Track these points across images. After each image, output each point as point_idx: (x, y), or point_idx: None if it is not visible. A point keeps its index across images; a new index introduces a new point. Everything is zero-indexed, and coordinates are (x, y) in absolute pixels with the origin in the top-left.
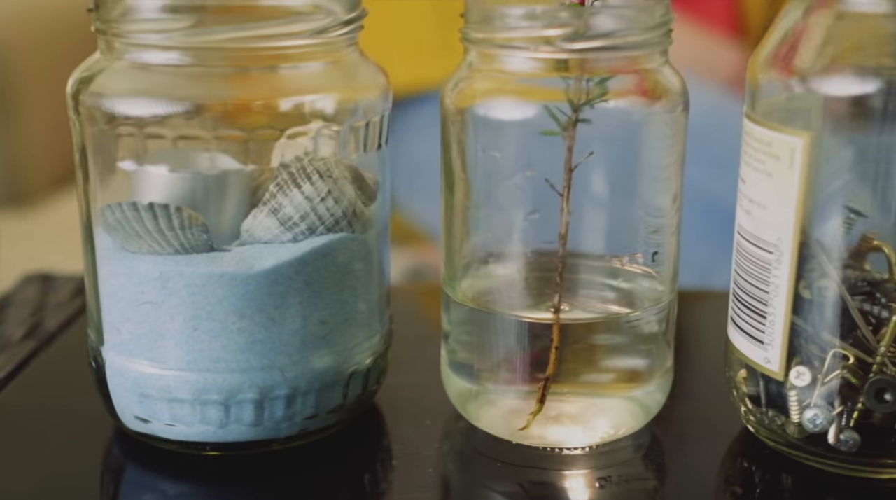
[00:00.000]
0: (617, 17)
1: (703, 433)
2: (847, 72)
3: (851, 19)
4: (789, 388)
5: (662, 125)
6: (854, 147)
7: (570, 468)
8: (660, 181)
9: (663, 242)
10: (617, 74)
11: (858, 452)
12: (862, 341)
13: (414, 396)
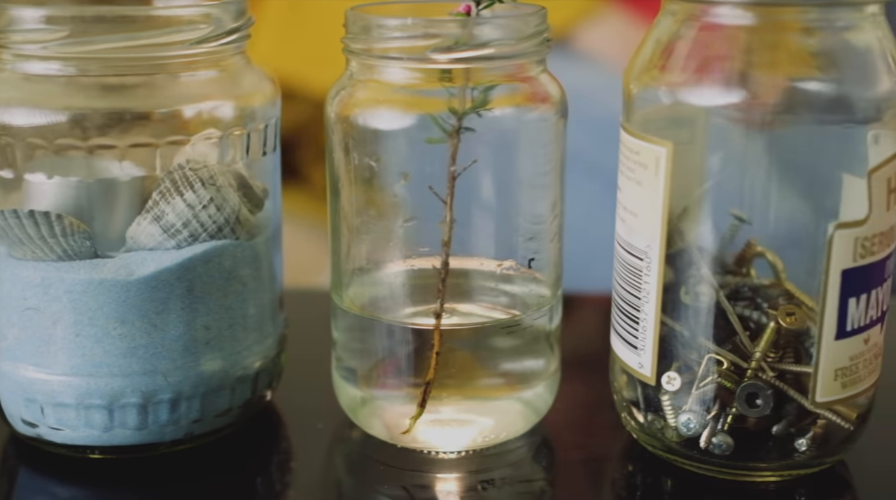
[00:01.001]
0: (494, 28)
1: (590, 437)
2: (711, 82)
3: (717, 31)
4: (662, 393)
5: (540, 133)
6: (720, 155)
7: (454, 472)
8: (538, 188)
9: (542, 248)
10: (496, 83)
11: (732, 455)
12: (740, 346)
13: (311, 399)
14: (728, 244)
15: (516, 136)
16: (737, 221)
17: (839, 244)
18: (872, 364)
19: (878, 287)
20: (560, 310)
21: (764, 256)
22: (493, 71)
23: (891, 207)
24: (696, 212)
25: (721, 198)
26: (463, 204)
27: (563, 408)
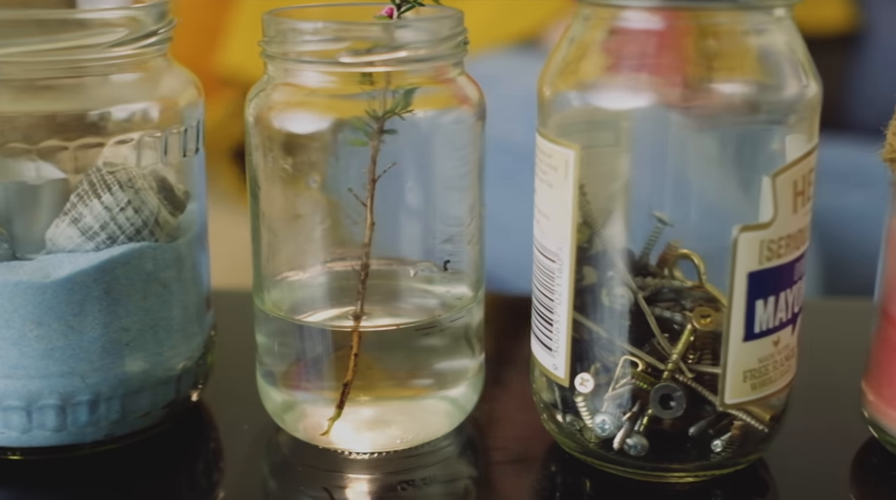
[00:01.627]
0: (409, 31)
1: (515, 438)
2: (622, 86)
3: (627, 35)
4: (576, 395)
5: (458, 135)
6: (631, 157)
7: (375, 472)
8: (457, 190)
9: (459, 250)
10: (416, 86)
11: (648, 457)
12: (658, 348)
13: (240, 400)
14: (651, 247)
15: (434, 138)
16: (659, 224)
17: (744, 247)
18: (784, 366)
19: (787, 290)
20: (482, 310)
21: (688, 258)
22: (413, 74)
23: (798, 209)
24: (614, 214)
25: (638, 200)
26: (382, 206)
27: (490, 408)
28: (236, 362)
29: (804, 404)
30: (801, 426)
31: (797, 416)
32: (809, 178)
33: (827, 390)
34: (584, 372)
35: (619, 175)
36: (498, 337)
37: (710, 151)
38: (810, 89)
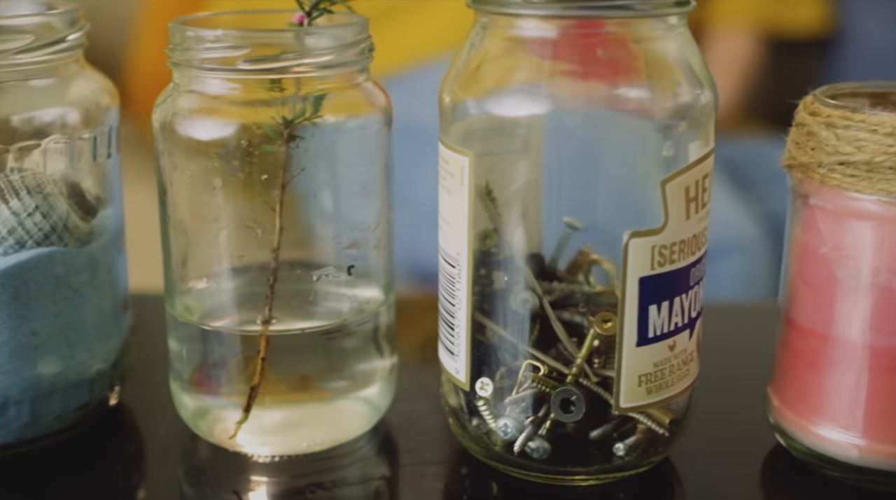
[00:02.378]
0: (313, 38)
1: (426, 440)
2: (517, 93)
3: (523, 44)
4: (477, 399)
5: (364, 141)
6: (528, 164)
7: (283, 475)
8: (363, 196)
9: (366, 255)
10: (325, 93)
11: (550, 460)
12: (563, 352)
13: (157, 402)
14: (560, 252)
15: (342, 144)
16: (569, 229)
17: (635, 252)
18: (682, 370)
19: (683, 295)
20: (393, 313)
21: (599, 263)
22: (320, 80)
23: (692, 215)
24: (520, 219)
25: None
26: (290, 211)
27: (404, 410)
28: (161, 364)
29: (716, 408)
30: (712, 431)
31: (708, 420)
32: (704, 184)
33: (740, 395)
34: (485, 377)
35: (520, 181)
36: (420, 339)
37: (606, 157)
38: (704, 97)
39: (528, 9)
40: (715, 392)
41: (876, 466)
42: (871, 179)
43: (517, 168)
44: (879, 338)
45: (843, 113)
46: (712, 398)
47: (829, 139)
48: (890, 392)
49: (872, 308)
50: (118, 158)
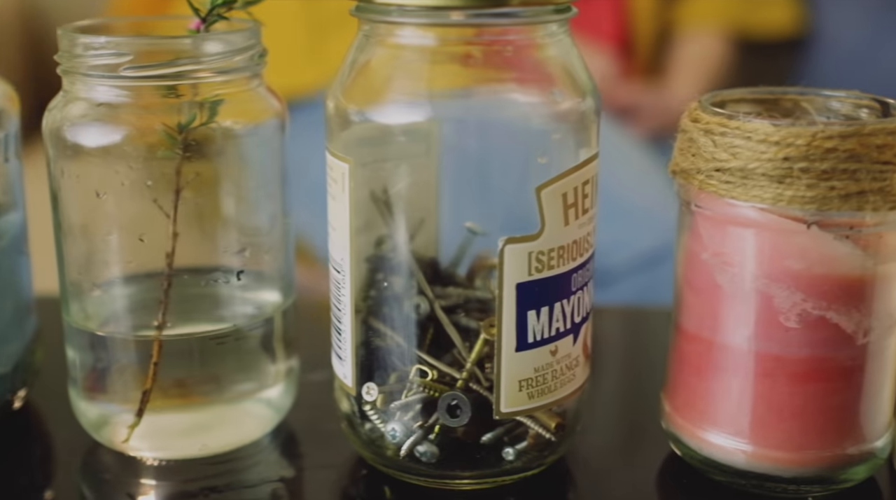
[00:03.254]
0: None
1: (325, 444)
2: (396, 101)
3: (403, 51)
4: (364, 403)
5: (257, 146)
6: (407, 169)
7: (178, 479)
8: (257, 201)
9: (259, 260)
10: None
11: (440, 464)
12: (457, 357)
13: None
14: (461, 257)
15: (235, 149)
16: (470, 234)
17: (511, 258)
18: (566, 375)
19: (564, 300)
20: (291, 316)
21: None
22: (214, 85)
23: (571, 222)
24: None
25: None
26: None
27: (306, 413)
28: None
29: (616, 412)
30: (608, 434)
31: (607, 423)
32: (585, 190)
33: (642, 399)
34: (373, 381)
35: (406, 187)
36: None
37: (486, 163)
38: (585, 103)
39: (407, 17)
40: (617, 395)
41: (761, 471)
42: (746, 186)
43: (401, 174)
44: (759, 344)
45: (721, 119)
46: (612, 401)
47: (707, 146)
48: (772, 398)
49: (752, 314)
50: (19, 163)
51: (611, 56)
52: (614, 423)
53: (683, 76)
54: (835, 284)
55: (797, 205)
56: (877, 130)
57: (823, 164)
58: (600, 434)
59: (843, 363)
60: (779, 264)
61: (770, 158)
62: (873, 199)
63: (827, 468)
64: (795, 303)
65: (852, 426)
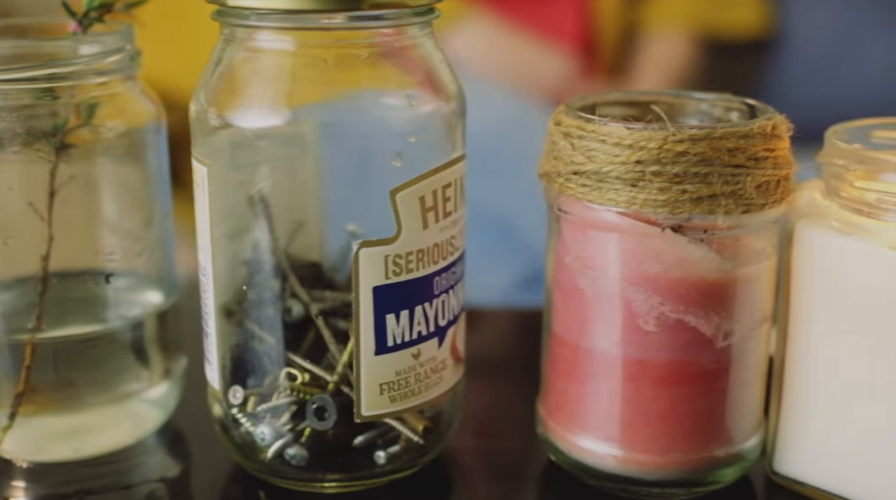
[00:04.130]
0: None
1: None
2: (255, 105)
3: (262, 55)
4: (230, 406)
5: (132, 148)
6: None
7: (51, 482)
8: (129, 203)
9: (133, 262)
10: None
11: (309, 467)
12: (331, 360)
13: None
14: (343, 260)
15: (109, 152)
16: (351, 237)
17: (366, 262)
18: (431, 378)
19: (426, 303)
20: (173, 317)
21: None
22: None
23: (430, 225)
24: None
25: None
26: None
27: (195, 415)
28: None
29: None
30: (490, 439)
31: (490, 427)
32: (447, 193)
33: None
34: (240, 385)
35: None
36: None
37: (347, 167)
38: (447, 106)
39: (264, 21)
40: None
41: (629, 475)
42: (602, 189)
43: (274, 178)
44: (622, 348)
45: (579, 123)
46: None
47: (566, 149)
48: (637, 402)
49: (613, 318)
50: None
51: (571, 56)
52: (498, 426)
53: (648, 77)
54: (691, 287)
55: (650, 208)
56: (728, 134)
57: (675, 167)
58: (480, 437)
59: (704, 367)
60: (636, 267)
61: (623, 162)
62: (725, 202)
63: (693, 471)
64: (653, 306)
65: (718, 428)
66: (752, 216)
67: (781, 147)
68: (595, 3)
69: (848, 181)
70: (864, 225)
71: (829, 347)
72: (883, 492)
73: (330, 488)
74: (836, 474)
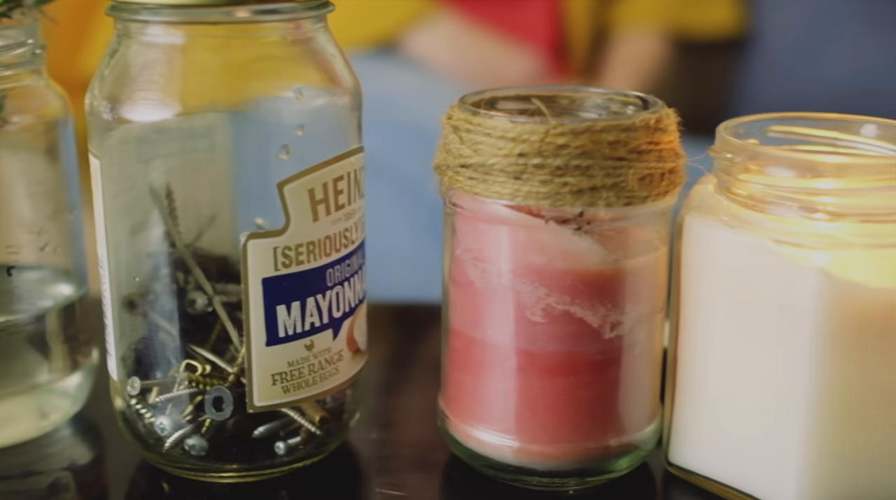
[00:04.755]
0: None
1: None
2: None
3: (153, 49)
4: (129, 398)
5: (32, 141)
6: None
7: None
8: (31, 197)
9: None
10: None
11: (207, 457)
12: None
13: None
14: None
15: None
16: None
17: (254, 254)
18: (326, 369)
19: (318, 295)
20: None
21: None
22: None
23: (321, 217)
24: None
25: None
26: None
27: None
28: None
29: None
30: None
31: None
32: (339, 186)
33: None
34: (137, 376)
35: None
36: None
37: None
38: (340, 99)
39: (155, 16)
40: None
41: (520, 464)
42: (487, 182)
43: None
44: (511, 339)
45: (467, 116)
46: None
47: (455, 142)
48: (527, 392)
49: (502, 310)
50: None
51: (541, 56)
52: (403, 418)
53: (619, 77)
54: (576, 278)
55: (533, 200)
56: (609, 127)
57: (557, 160)
58: (384, 429)
59: (591, 357)
60: (522, 259)
61: (507, 154)
62: (607, 195)
63: (584, 461)
64: (540, 298)
65: (609, 418)
66: (635, 208)
67: (667, 140)
68: (566, 2)
69: (734, 175)
70: (750, 218)
71: (718, 338)
72: (771, 483)
73: (228, 478)
74: (727, 464)
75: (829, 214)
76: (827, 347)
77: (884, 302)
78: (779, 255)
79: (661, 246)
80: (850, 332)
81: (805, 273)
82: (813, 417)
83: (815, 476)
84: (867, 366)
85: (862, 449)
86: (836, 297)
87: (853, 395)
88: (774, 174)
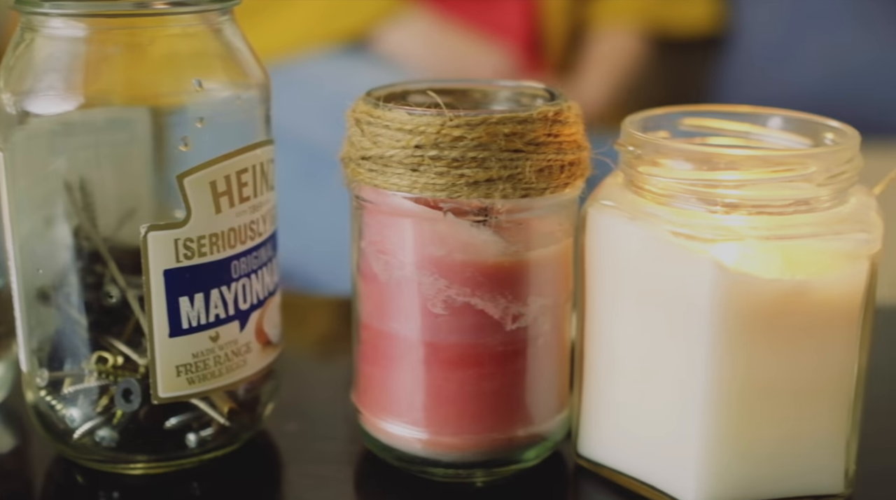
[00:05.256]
0: None
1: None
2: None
3: (56, 42)
4: (37, 389)
5: None
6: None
7: None
8: None
9: None
10: None
11: (117, 448)
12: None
13: None
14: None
15: None
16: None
17: (155, 245)
18: (233, 361)
19: (223, 287)
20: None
21: None
22: None
23: (224, 209)
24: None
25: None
26: None
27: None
28: None
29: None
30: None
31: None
32: (242, 178)
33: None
34: (52, 367)
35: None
36: None
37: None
38: (244, 94)
39: (57, 9)
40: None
41: (427, 456)
42: (386, 174)
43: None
44: (414, 331)
45: (368, 108)
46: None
47: (356, 134)
48: (430, 384)
49: (404, 302)
50: None
51: (516, 53)
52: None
53: (595, 74)
54: (476, 270)
55: (430, 192)
56: (505, 119)
57: (453, 152)
58: (299, 422)
59: (493, 349)
60: (422, 251)
61: (404, 146)
62: (503, 186)
63: (490, 452)
64: (440, 290)
65: (514, 409)
66: (534, 200)
67: (568, 132)
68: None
69: (636, 168)
70: (652, 211)
71: (621, 330)
72: (673, 475)
73: (139, 468)
74: (631, 456)
75: (726, 207)
76: (722, 338)
77: (774, 293)
78: (676, 247)
79: (564, 238)
80: (744, 323)
81: (700, 265)
82: (710, 408)
83: (714, 468)
84: (759, 358)
85: (755, 440)
86: (730, 288)
87: (747, 387)
88: (674, 167)
